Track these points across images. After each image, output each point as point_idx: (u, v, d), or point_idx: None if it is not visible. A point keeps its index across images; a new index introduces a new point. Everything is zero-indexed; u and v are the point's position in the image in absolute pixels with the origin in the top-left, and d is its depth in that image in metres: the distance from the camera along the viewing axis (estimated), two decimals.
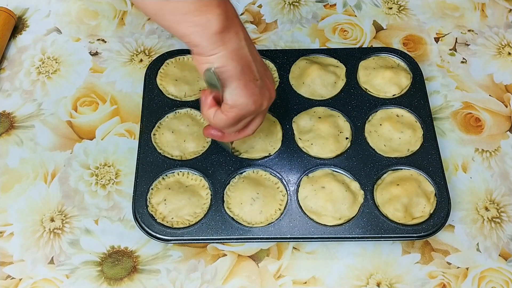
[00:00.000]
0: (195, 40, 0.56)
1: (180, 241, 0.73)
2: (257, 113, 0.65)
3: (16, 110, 0.86)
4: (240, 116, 0.62)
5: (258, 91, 0.62)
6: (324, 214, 0.73)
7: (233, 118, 0.62)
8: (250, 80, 0.60)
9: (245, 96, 0.60)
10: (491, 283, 0.72)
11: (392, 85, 0.84)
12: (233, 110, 0.61)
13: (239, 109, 0.61)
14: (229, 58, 0.58)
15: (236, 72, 0.59)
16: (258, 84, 0.62)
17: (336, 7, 1.00)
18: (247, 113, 0.62)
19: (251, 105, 0.61)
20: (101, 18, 0.97)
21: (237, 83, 0.59)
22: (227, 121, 0.63)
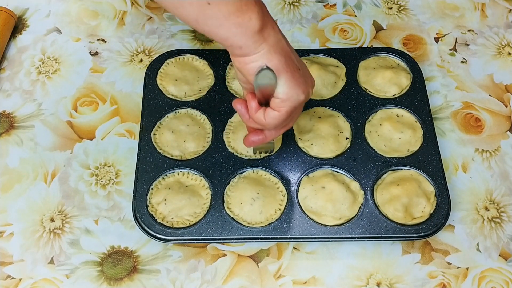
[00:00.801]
0: (239, 41, 0.56)
1: (180, 241, 0.73)
2: (305, 102, 0.64)
3: (16, 110, 0.86)
4: (292, 108, 0.62)
5: (303, 80, 0.61)
6: (324, 214, 0.73)
7: (286, 112, 0.62)
8: (294, 71, 0.60)
9: (294, 87, 0.60)
10: (491, 283, 0.72)
11: (392, 85, 0.85)
12: (286, 103, 0.61)
13: (291, 101, 0.61)
14: (272, 52, 0.57)
15: (282, 64, 0.58)
16: (301, 73, 0.62)
17: (336, 7, 1.00)
18: (298, 103, 0.62)
19: (301, 94, 0.61)
20: (101, 18, 0.97)
21: (285, 76, 0.59)
22: (281, 116, 0.62)
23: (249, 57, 0.57)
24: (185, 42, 0.94)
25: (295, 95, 0.60)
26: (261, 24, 0.56)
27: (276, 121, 0.63)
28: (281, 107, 0.61)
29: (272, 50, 0.57)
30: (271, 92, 0.60)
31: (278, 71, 0.58)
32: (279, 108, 0.61)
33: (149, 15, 0.98)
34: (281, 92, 0.60)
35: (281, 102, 0.60)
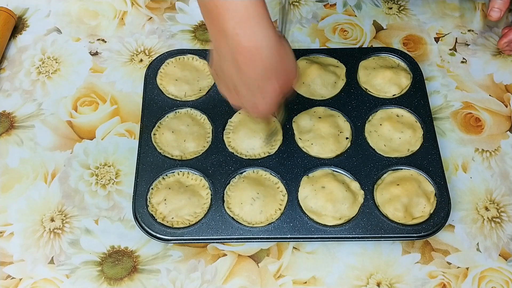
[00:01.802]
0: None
1: (180, 241, 0.73)
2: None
3: (16, 110, 0.86)
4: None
5: (215, 76, 0.67)
6: (324, 214, 0.73)
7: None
8: (214, 68, 0.66)
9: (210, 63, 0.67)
10: (491, 283, 0.72)
11: (392, 85, 0.85)
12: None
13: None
14: (212, 46, 0.63)
15: (211, 51, 0.64)
16: (219, 79, 0.67)
17: (336, 7, 1.00)
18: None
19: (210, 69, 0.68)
20: (101, 18, 0.97)
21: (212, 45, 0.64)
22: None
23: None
24: (185, 42, 0.94)
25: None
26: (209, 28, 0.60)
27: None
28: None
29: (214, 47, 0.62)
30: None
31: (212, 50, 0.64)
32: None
33: (149, 15, 0.98)
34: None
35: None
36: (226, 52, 0.60)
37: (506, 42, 0.88)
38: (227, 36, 0.58)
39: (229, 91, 0.66)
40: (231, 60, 0.60)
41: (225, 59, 0.61)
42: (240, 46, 0.58)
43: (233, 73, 0.61)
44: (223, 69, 0.63)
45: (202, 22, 0.97)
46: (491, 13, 0.85)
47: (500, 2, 0.84)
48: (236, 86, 0.63)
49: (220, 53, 0.61)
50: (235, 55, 0.59)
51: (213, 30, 0.60)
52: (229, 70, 0.62)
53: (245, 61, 0.59)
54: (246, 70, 0.60)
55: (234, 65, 0.60)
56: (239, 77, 0.61)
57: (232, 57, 0.59)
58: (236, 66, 0.60)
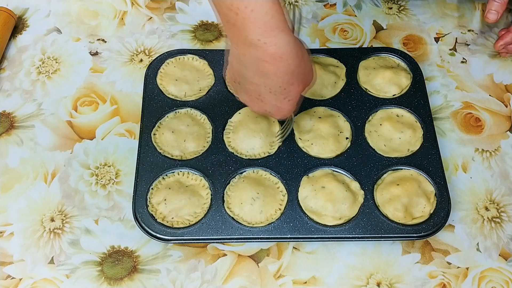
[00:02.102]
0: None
1: (180, 241, 0.73)
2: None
3: (16, 110, 0.86)
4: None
5: (232, 81, 0.69)
6: (324, 214, 0.73)
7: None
8: (231, 72, 0.67)
9: (226, 68, 0.68)
10: (491, 283, 0.72)
11: (392, 85, 0.85)
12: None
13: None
14: (230, 48, 0.64)
15: (229, 57, 0.66)
16: (236, 84, 0.68)
17: (336, 7, 1.00)
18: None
19: (225, 76, 0.71)
20: (101, 18, 0.97)
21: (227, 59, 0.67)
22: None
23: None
24: (185, 42, 0.94)
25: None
26: (242, 39, 0.60)
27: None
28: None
29: (234, 54, 0.64)
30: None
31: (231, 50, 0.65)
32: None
33: (149, 15, 0.98)
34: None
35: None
36: (251, 61, 0.61)
37: (502, 44, 0.88)
38: (252, 45, 0.59)
39: (251, 98, 0.68)
40: (256, 68, 0.61)
41: (249, 67, 0.62)
42: (267, 55, 0.59)
43: (257, 81, 0.63)
44: (245, 77, 0.64)
45: (202, 22, 0.97)
46: (488, 15, 0.85)
47: (497, 4, 0.84)
48: (260, 93, 0.65)
49: (242, 61, 0.62)
50: (261, 63, 0.60)
51: (236, 40, 0.61)
52: (253, 78, 0.63)
53: (271, 69, 0.61)
54: (273, 77, 0.62)
55: (259, 73, 0.62)
56: (265, 84, 0.63)
57: (257, 66, 0.61)
58: (261, 74, 0.62)
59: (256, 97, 0.66)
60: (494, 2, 0.84)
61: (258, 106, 0.68)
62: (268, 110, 0.68)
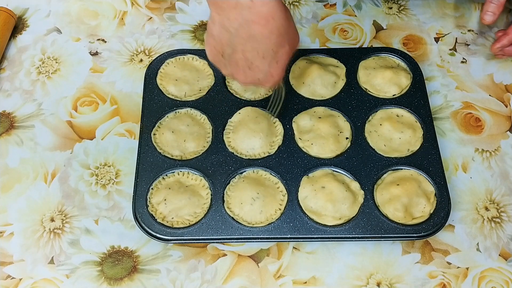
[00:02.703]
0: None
1: (180, 241, 0.73)
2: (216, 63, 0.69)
3: (16, 110, 0.86)
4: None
5: (217, 59, 0.67)
6: (324, 214, 0.73)
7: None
8: (214, 47, 0.66)
9: (206, 46, 0.67)
10: (491, 283, 0.72)
11: (392, 85, 0.85)
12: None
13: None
14: (213, 22, 0.63)
15: (209, 32, 0.64)
16: (220, 58, 0.66)
17: (336, 7, 1.00)
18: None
19: (207, 54, 0.67)
20: (101, 18, 0.97)
21: (207, 36, 0.65)
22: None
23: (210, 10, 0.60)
24: (185, 42, 0.94)
25: (205, 47, 0.68)
26: (215, 1, 0.59)
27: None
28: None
29: (213, 21, 0.62)
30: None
31: (207, 31, 0.65)
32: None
33: (149, 15, 0.98)
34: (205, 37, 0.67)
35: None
36: (239, 25, 0.60)
37: (499, 47, 0.87)
38: (240, 6, 0.58)
39: (239, 69, 0.66)
40: (245, 32, 0.60)
41: (237, 33, 0.61)
42: (257, 16, 0.59)
43: (247, 46, 0.62)
44: (233, 45, 0.63)
45: (202, 22, 0.97)
46: (484, 17, 0.84)
47: (494, 6, 0.83)
48: (249, 60, 0.64)
49: (228, 28, 0.61)
50: (250, 25, 0.59)
51: (221, 3, 0.59)
52: (242, 44, 0.62)
53: (261, 30, 0.60)
54: (262, 38, 0.61)
55: (248, 37, 0.61)
56: (255, 48, 0.62)
57: (247, 29, 0.60)
58: (252, 38, 0.61)
59: (247, 65, 0.65)
60: (491, 4, 0.84)
61: (248, 76, 0.67)
62: (259, 77, 0.67)
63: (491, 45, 0.88)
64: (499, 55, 0.89)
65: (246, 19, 0.59)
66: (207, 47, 0.67)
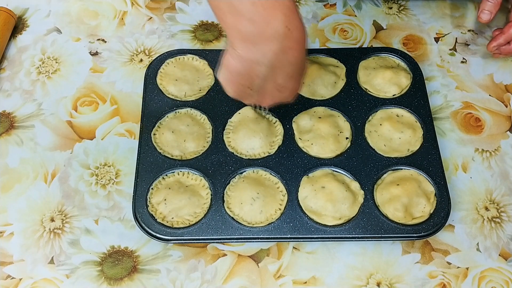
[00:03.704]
0: (227, 32, 0.60)
1: (180, 241, 0.73)
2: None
3: (16, 110, 0.86)
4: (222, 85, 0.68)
5: (243, 94, 0.67)
6: (324, 214, 0.73)
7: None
8: (239, 83, 0.64)
9: (228, 86, 0.66)
10: (491, 283, 0.72)
11: (392, 85, 0.85)
12: (219, 78, 0.66)
13: (221, 82, 0.67)
14: (237, 60, 0.60)
15: (233, 70, 0.62)
16: (248, 91, 0.66)
17: (336, 7, 1.00)
18: (227, 93, 0.68)
19: (229, 93, 0.67)
20: (101, 18, 0.98)
21: (228, 75, 0.63)
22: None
23: (231, 44, 0.59)
24: (185, 42, 0.94)
25: (224, 83, 0.66)
26: (244, 38, 0.57)
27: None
28: (220, 83, 0.67)
29: (239, 59, 0.60)
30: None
31: (227, 70, 0.63)
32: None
33: (149, 15, 0.98)
34: (219, 76, 0.66)
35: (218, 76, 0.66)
36: (274, 56, 0.59)
37: (495, 46, 0.87)
38: (277, 38, 0.57)
39: (266, 95, 0.67)
40: (282, 61, 0.60)
41: (271, 64, 0.60)
42: (294, 42, 0.58)
43: (281, 74, 0.62)
44: (266, 77, 0.62)
45: (202, 22, 0.97)
46: (481, 15, 0.85)
47: (491, 4, 0.84)
48: (280, 85, 0.64)
49: (264, 61, 0.59)
50: (288, 53, 0.59)
51: (255, 40, 0.57)
52: (277, 74, 0.62)
53: (298, 55, 0.60)
54: (298, 62, 0.61)
55: (285, 65, 0.61)
56: (288, 72, 0.62)
57: (283, 58, 0.59)
58: (288, 64, 0.61)
59: (277, 89, 0.64)
60: (488, 2, 0.84)
61: (275, 98, 0.67)
62: (286, 96, 0.67)
63: (488, 44, 0.88)
64: (496, 54, 0.89)
65: (283, 48, 0.58)
66: (230, 85, 0.66)
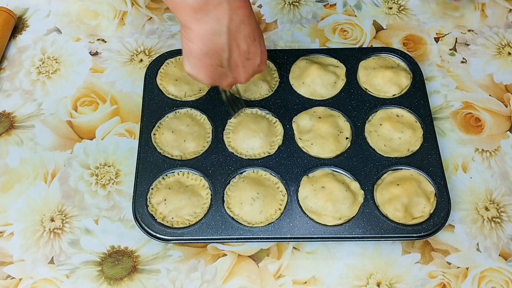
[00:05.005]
0: (172, 10, 0.60)
1: (180, 241, 0.73)
2: (213, 85, 0.70)
3: (16, 110, 0.86)
4: (194, 79, 0.67)
5: (217, 74, 0.65)
6: (324, 214, 0.73)
7: (188, 74, 0.67)
8: (210, 64, 0.63)
9: (200, 72, 0.64)
10: (491, 283, 0.72)
11: (392, 85, 0.85)
12: (188, 74, 0.66)
13: (193, 76, 0.66)
14: (198, 39, 0.61)
15: (200, 53, 0.61)
16: (220, 70, 0.65)
17: (336, 7, 1.00)
18: (201, 82, 0.67)
19: (204, 80, 0.66)
20: (101, 18, 0.98)
21: (195, 61, 0.62)
22: (199, 79, 0.67)
23: (183, 28, 0.60)
24: None
25: (197, 77, 0.65)
26: (194, 8, 0.58)
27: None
28: (185, 70, 0.66)
29: (198, 37, 0.60)
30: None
31: (192, 54, 0.62)
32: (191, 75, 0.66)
33: (149, 15, 0.98)
34: (186, 66, 0.65)
35: (186, 71, 0.66)
36: (229, 20, 0.60)
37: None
38: (228, 4, 0.59)
39: (238, 68, 0.66)
40: (236, 23, 0.61)
41: (229, 30, 0.61)
42: (241, 3, 0.60)
43: (240, 37, 0.62)
44: (229, 45, 0.62)
45: None
46: None
47: None
48: (245, 51, 0.64)
49: (222, 29, 0.60)
50: (238, 12, 0.60)
51: (208, 8, 0.59)
52: (237, 38, 0.62)
53: (246, 12, 0.61)
54: (249, 19, 0.62)
55: (239, 27, 0.61)
56: (246, 34, 0.63)
57: (236, 19, 0.60)
58: (242, 25, 0.61)
59: (245, 57, 0.65)
60: None
61: (248, 68, 0.67)
62: (257, 63, 0.67)
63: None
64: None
65: (232, 7, 0.59)
66: (201, 71, 0.65)
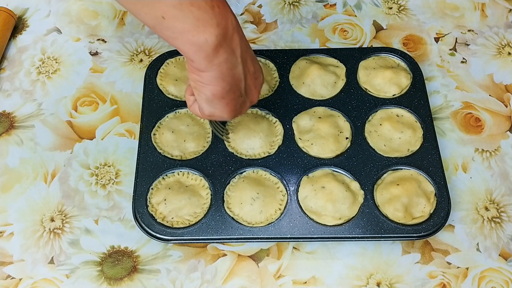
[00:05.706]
0: (191, 57, 0.56)
1: (180, 241, 0.73)
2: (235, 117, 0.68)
3: (16, 110, 0.86)
4: (214, 119, 0.67)
5: (238, 105, 0.64)
6: (324, 214, 0.73)
7: (207, 117, 0.65)
8: (233, 98, 0.62)
9: (225, 111, 0.63)
10: (491, 283, 0.72)
11: (392, 85, 0.85)
12: (208, 116, 0.64)
13: (214, 117, 0.65)
14: (220, 79, 0.58)
15: (223, 92, 0.60)
16: (240, 100, 0.64)
17: (336, 7, 1.00)
18: (225, 119, 0.66)
19: (226, 116, 0.64)
20: (101, 18, 0.98)
21: (219, 101, 0.61)
22: (202, 117, 0.66)
23: (198, 72, 0.58)
24: None
25: (220, 115, 0.64)
26: (216, 46, 0.55)
27: (198, 115, 0.66)
28: (203, 114, 0.64)
29: (221, 76, 0.58)
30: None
31: (216, 96, 0.60)
32: (201, 112, 0.64)
33: None
34: (206, 109, 0.63)
35: (204, 114, 0.64)
36: (243, 44, 0.59)
37: None
38: (237, 33, 0.58)
39: (251, 90, 0.65)
40: (245, 47, 0.60)
41: (242, 55, 0.59)
42: (238, 24, 0.59)
43: (249, 60, 0.62)
44: (244, 72, 0.61)
45: None
46: None
47: None
48: (254, 71, 0.63)
49: (237, 57, 0.59)
50: (243, 38, 0.59)
51: (226, 38, 0.57)
52: (247, 63, 0.61)
53: (243, 34, 0.60)
54: (247, 42, 0.61)
55: (247, 49, 0.60)
56: (250, 54, 0.62)
57: (244, 43, 0.59)
58: (246, 52, 0.60)
59: (254, 77, 0.64)
60: None
61: (258, 87, 0.66)
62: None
63: None
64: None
65: (240, 35, 0.58)
66: (227, 110, 0.63)
